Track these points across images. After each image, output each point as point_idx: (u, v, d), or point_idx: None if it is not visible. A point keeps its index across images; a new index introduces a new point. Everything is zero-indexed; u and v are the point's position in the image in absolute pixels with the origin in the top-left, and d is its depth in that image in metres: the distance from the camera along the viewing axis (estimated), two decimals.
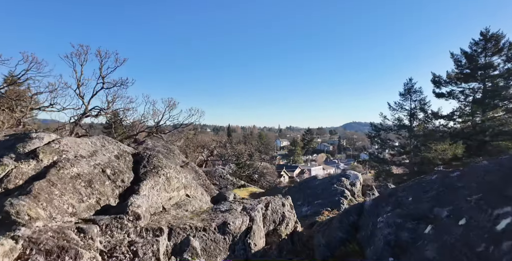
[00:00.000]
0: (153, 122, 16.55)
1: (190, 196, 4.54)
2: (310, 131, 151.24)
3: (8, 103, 14.35)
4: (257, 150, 37.16)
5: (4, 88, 14.92)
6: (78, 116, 14.79)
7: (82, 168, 3.68)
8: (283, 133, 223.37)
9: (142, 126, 16.78)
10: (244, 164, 31.88)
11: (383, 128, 30.09)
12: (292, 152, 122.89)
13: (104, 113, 15.12)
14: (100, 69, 13.93)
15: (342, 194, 7.04)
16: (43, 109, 16.15)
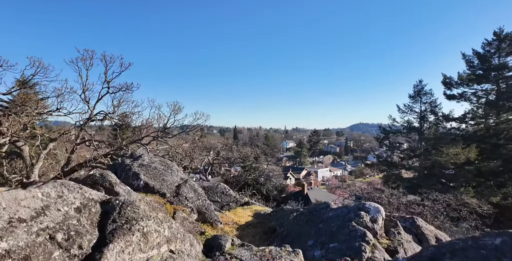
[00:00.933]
0: (158, 126, 16.44)
1: (175, 251, 3.57)
2: (316, 132, 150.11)
3: (15, 108, 14.44)
4: (263, 153, 36.87)
5: (12, 93, 15.03)
6: (83, 121, 14.80)
7: (15, 240, 2.65)
8: (290, 135, 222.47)
9: (148, 130, 16.72)
10: (250, 167, 31.63)
11: (392, 131, 29.40)
12: (298, 153, 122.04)
13: (110, 117, 15.10)
14: (105, 74, 13.91)
15: (363, 237, 5.42)
16: (50, 113, 16.23)
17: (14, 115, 14.00)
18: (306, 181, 78.06)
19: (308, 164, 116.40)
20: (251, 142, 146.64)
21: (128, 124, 16.75)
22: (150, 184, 3.86)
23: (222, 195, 4.59)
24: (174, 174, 4.35)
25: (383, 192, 24.33)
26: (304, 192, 37.58)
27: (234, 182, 29.77)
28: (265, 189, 29.90)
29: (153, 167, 4.35)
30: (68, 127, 17.25)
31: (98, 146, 14.65)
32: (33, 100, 15.14)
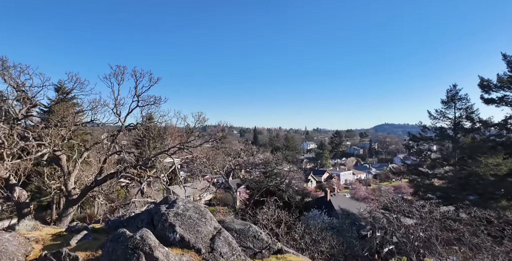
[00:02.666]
0: (184, 137, 16.89)
1: None
2: (338, 133, 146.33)
3: (55, 120, 15.50)
4: (285, 158, 36.54)
5: (52, 106, 16.16)
6: (114, 133, 15.58)
7: None
8: (310, 136, 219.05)
9: (173, 140, 17.28)
10: (271, 172, 31.48)
11: (422, 137, 27.78)
12: (319, 155, 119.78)
13: (139, 129, 15.76)
14: (135, 88, 14.52)
15: None
16: (85, 125, 17.29)
17: (54, 127, 15.07)
18: (328, 185, 76.36)
19: (329, 166, 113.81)
20: (271, 143, 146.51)
21: (155, 135, 17.40)
22: (185, 237, 3.91)
23: (254, 240, 4.52)
24: (208, 223, 4.36)
25: (412, 203, 23.05)
26: (327, 198, 36.71)
27: (255, 188, 29.80)
28: (287, 196, 29.60)
29: (187, 216, 4.39)
30: (101, 138, 18.30)
31: (128, 157, 15.32)
32: (71, 113, 16.24)
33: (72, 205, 15.92)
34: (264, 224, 17.21)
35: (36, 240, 3.97)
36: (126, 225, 4.84)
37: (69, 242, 3.98)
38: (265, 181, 29.48)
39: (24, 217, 14.53)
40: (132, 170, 16.07)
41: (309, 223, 22.87)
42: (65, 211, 15.72)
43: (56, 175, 18.83)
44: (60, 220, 15.49)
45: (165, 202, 4.85)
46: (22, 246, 3.46)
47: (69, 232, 4.59)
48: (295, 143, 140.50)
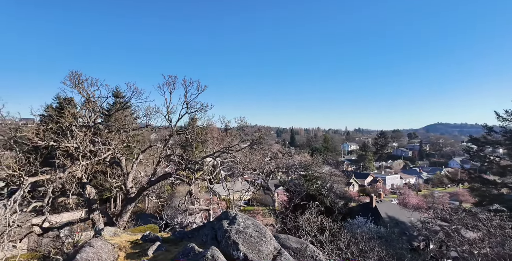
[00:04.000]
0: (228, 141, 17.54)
1: None
2: (383, 134, 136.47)
3: (117, 126, 17.36)
4: (326, 162, 35.43)
5: (114, 113, 18.13)
6: (166, 138, 16.88)
7: None
8: (351, 136, 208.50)
9: (218, 144, 18.10)
10: (311, 176, 30.80)
11: (488, 141, 24.43)
12: (362, 157, 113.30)
13: (187, 133, 16.85)
14: (185, 96, 15.55)
15: None
16: (140, 130, 19.06)
17: (116, 132, 16.92)
18: (372, 189, 71.87)
19: (373, 169, 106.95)
20: (309, 144, 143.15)
21: (202, 139, 18.43)
22: (249, 256, 4.07)
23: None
24: (268, 243, 4.47)
25: (476, 215, 20.41)
26: (372, 204, 34.61)
27: (295, 191, 29.45)
28: (329, 201, 28.67)
29: (248, 234, 4.55)
30: (150, 139, 20.02)
31: (178, 160, 16.43)
32: (129, 119, 18.07)
33: (130, 202, 17.67)
34: (307, 230, 16.93)
35: (119, 247, 4.54)
36: (191, 237, 5.24)
37: (147, 252, 4.45)
38: (305, 185, 28.95)
39: (93, 211, 16.61)
40: (182, 172, 17.24)
41: (355, 231, 21.84)
42: (124, 208, 17.51)
43: (116, 174, 21.08)
44: (121, 215, 17.31)
45: (225, 217, 5.11)
46: (111, 253, 4.01)
47: (144, 240, 5.13)
48: (334, 144, 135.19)
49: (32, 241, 18.35)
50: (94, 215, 15.72)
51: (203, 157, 16.74)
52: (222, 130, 78.59)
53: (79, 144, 12.80)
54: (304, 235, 17.13)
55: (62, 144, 12.51)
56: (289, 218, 23.66)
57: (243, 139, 18.60)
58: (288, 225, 23.00)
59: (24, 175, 10.53)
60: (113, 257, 3.96)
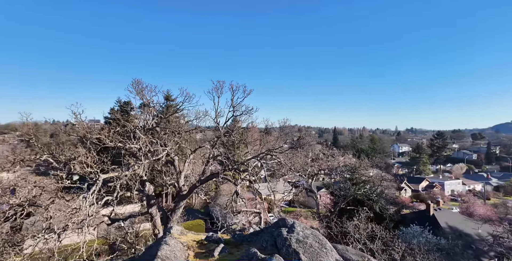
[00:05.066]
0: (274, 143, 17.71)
1: None
2: (441, 134, 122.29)
3: (171, 128, 18.84)
4: (375, 165, 33.25)
5: (168, 117, 19.70)
6: (214, 140, 17.76)
7: None
8: (403, 137, 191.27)
9: (259, 145, 18.40)
10: (359, 180, 29.21)
11: None
12: (415, 160, 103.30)
13: (233, 136, 17.48)
14: (232, 100, 16.16)
15: None
16: (191, 131, 20.37)
17: (171, 134, 18.40)
18: (428, 195, 65.04)
19: (429, 173, 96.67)
20: (354, 144, 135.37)
21: (245, 141, 18.94)
22: None
23: None
24: (330, 255, 4.43)
25: None
26: (429, 212, 31.42)
27: (341, 196, 28.26)
28: (379, 207, 26.87)
29: (309, 244, 4.57)
30: (196, 138, 21.18)
31: (225, 161, 17.13)
32: (181, 121, 19.50)
33: (182, 199, 19.02)
34: (356, 237, 16.15)
35: (188, 246, 4.97)
36: (250, 241, 5.47)
37: (213, 253, 4.80)
38: (352, 189, 27.59)
39: (151, 206, 18.33)
40: (228, 173, 17.95)
41: (410, 241, 20.10)
42: (177, 204, 18.91)
43: (170, 172, 22.90)
44: (174, 211, 18.74)
45: (283, 225, 5.20)
46: (182, 251, 4.43)
47: (208, 241, 5.53)
48: (383, 145, 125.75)
49: (102, 230, 21.02)
50: (152, 210, 17.34)
51: (249, 159, 17.16)
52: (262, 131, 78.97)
53: (141, 145, 14.26)
54: (352, 242, 16.37)
55: (127, 145, 14.09)
56: (334, 222, 22.86)
57: (286, 141, 18.57)
58: (334, 230, 22.22)
59: (99, 172, 12.14)
60: (184, 256, 4.35)
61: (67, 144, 35.93)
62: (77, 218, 11.71)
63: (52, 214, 11.74)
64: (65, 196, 13.62)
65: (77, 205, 11.15)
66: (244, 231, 6.75)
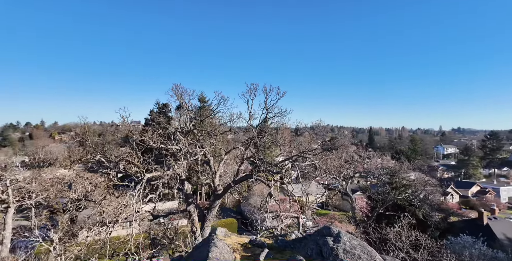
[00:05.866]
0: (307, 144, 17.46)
1: None
2: (495, 134, 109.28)
3: (207, 130, 19.58)
4: (417, 168, 30.98)
5: (204, 119, 20.49)
6: (248, 141, 18.06)
7: None
8: (448, 137, 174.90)
9: (289, 146, 18.24)
10: (399, 184, 27.43)
11: None
12: (463, 163, 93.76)
13: (266, 138, 17.59)
14: (265, 102, 16.30)
15: None
16: (225, 133, 20.95)
17: (207, 136, 19.13)
18: (480, 202, 58.64)
19: (480, 177, 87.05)
20: (391, 145, 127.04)
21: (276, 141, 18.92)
22: None
23: None
24: None
25: None
26: (482, 221, 28.37)
27: (380, 200, 26.80)
28: (422, 213, 25.00)
29: (357, 255, 4.46)
30: (232, 141, 21.66)
31: (258, 161, 17.32)
32: (215, 123, 20.17)
33: (217, 198, 19.64)
34: (398, 246, 15.22)
35: (233, 249, 5.18)
36: (293, 247, 5.50)
37: (259, 258, 4.93)
38: (391, 193, 26.02)
39: (189, 204, 19.25)
40: (261, 174, 18.12)
41: (460, 252, 18.37)
42: (213, 203, 19.58)
43: (205, 172, 23.80)
44: (210, 210, 19.43)
45: (328, 234, 5.14)
46: (229, 254, 4.63)
47: (252, 245, 5.69)
48: (425, 146, 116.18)
49: (145, 225, 22.58)
50: (190, 208, 18.20)
51: (282, 161, 17.13)
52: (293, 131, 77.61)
53: (181, 146, 15.07)
54: (393, 250, 15.46)
55: (168, 146, 14.98)
56: (372, 228, 21.80)
57: (319, 142, 18.16)
58: (372, 236, 21.20)
59: (145, 172, 13.11)
60: (232, 258, 4.52)
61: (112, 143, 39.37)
62: (126, 214, 12.79)
63: (105, 209, 12.98)
64: (115, 193, 14.98)
65: (126, 202, 12.18)
66: (286, 236, 6.77)
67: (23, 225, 29.15)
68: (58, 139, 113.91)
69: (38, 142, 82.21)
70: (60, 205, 22.45)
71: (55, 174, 32.79)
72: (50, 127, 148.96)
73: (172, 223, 23.41)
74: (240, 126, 22.19)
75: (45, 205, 22.82)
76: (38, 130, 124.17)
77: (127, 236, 13.09)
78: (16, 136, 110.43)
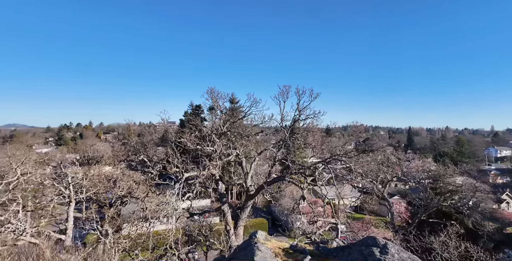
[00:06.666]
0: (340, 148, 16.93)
1: None
2: None
3: (240, 132, 19.98)
4: (466, 172, 28.30)
5: (236, 121, 20.92)
6: (279, 143, 18.05)
7: None
8: (501, 138, 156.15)
9: (328, 150, 17.77)
10: (444, 189, 25.29)
11: None
12: None
13: (298, 139, 17.42)
14: (298, 104, 16.20)
15: None
16: (256, 134, 21.17)
17: (240, 137, 19.53)
18: None
19: None
20: (434, 147, 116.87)
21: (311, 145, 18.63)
22: None
23: None
24: None
25: None
26: None
27: (421, 206, 24.96)
28: (472, 222, 22.79)
29: None
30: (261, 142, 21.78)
31: (291, 163, 17.22)
32: (249, 126, 20.48)
33: (250, 199, 19.92)
34: (445, 257, 14.08)
35: (275, 253, 5.29)
36: (336, 256, 5.42)
37: None
38: (435, 199, 24.10)
39: (223, 204, 19.82)
40: (294, 176, 17.96)
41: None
42: (245, 203, 19.91)
43: (237, 172, 24.31)
44: (243, 209, 19.79)
45: (374, 244, 4.97)
46: (272, 258, 4.74)
47: (293, 250, 5.75)
48: (473, 148, 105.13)
49: (183, 222, 23.78)
50: (224, 207, 18.72)
51: (315, 163, 16.83)
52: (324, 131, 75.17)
53: (216, 148, 15.60)
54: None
55: (204, 148, 15.60)
56: (413, 235, 20.43)
57: (356, 145, 17.48)
58: (413, 244, 19.87)
59: (184, 172, 13.82)
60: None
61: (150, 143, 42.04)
62: (166, 211, 13.63)
63: (148, 205, 13.98)
64: (156, 191, 16.04)
65: (166, 200, 12.98)
66: (327, 244, 6.67)
67: (76, 217, 32.51)
68: (104, 139, 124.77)
69: (87, 141, 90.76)
70: (107, 200, 24.60)
71: (101, 171, 36.04)
72: (97, 127, 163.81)
73: (206, 220, 24.30)
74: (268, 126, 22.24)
75: (94, 199, 25.12)
76: (87, 130, 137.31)
77: (167, 232, 13.95)
78: (69, 135, 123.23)
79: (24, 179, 17.92)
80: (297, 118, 16.78)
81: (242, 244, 5.64)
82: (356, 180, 23.37)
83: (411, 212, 27.33)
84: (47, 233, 13.36)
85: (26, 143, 65.97)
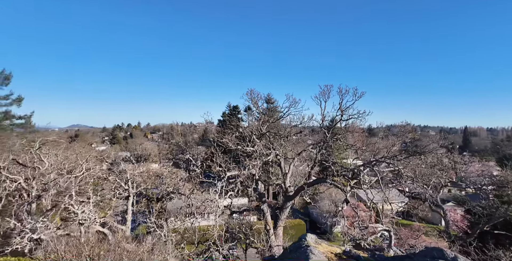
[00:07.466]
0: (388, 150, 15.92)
1: None
2: None
3: (279, 133, 20.02)
4: None
5: (275, 121, 20.97)
6: (320, 144, 17.63)
7: None
8: None
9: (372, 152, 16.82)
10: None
11: None
12: None
13: (341, 141, 16.82)
14: (340, 104, 15.63)
15: None
16: (295, 134, 20.99)
17: (278, 137, 19.58)
18: None
19: None
20: (496, 149, 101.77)
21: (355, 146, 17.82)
22: None
23: None
24: None
25: None
26: None
27: (484, 215, 22.17)
28: None
29: None
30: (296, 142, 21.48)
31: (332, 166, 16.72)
32: (287, 126, 20.43)
33: (289, 200, 19.83)
34: None
35: (328, 258, 5.27)
36: None
37: None
38: (501, 209, 21.26)
39: (263, 203, 20.06)
40: (336, 178, 17.39)
41: None
42: (285, 204, 19.87)
43: (275, 173, 24.37)
44: (282, 210, 19.78)
45: (440, 257, 4.62)
46: None
47: (346, 255, 5.66)
48: None
49: (223, 219, 24.68)
50: (264, 207, 18.95)
51: (359, 166, 16.07)
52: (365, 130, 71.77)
53: (256, 148, 15.88)
54: None
55: (245, 148, 15.99)
56: (474, 248, 18.31)
57: (404, 147, 16.26)
58: (474, 257, 17.81)
59: (226, 171, 14.37)
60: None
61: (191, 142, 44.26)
62: (210, 208, 14.31)
63: (193, 202, 14.84)
64: (200, 188, 16.95)
65: (211, 197, 13.64)
66: (384, 252, 6.36)
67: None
68: (150, 138, 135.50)
69: (136, 141, 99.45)
70: (154, 195, 26.67)
71: (149, 168, 39.22)
72: (144, 127, 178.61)
73: (245, 219, 24.81)
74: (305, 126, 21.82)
75: (144, 194, 27.39)
76: (136, 130, 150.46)
77: (210, 228, 14.64)
78: (121, 135, 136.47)
79: (88, 174, 20.42)
80: (339, 118, 16.20)
81: (292, 246, 5.67)
82: (405, 184, 21.58)
83: (470, 221, 24.51)
84: (111, 224, 15.05)
85: (87, 142, 74.87)
